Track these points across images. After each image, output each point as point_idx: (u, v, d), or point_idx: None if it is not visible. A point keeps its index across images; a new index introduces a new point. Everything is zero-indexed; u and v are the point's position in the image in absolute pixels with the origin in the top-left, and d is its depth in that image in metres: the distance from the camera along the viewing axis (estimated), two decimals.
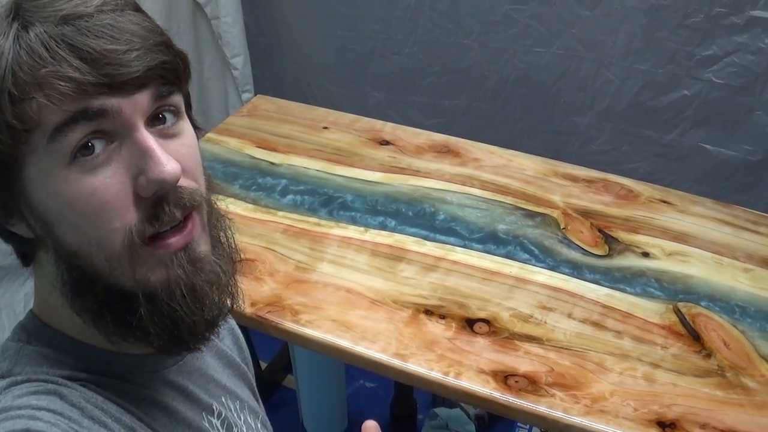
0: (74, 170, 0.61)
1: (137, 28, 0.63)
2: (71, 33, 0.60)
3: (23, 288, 1.88)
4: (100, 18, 0.61)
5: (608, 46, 2.05)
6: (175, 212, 0.64)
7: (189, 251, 0.65)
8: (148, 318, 0.64)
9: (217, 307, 0.69)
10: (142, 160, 0.62)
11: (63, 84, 0.59)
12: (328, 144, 1.74)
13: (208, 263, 0.67)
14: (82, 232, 0.63)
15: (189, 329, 0.66)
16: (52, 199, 0.63)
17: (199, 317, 0.66)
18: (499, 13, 2.14)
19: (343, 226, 1.49)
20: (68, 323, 0.68)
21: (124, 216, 0.62)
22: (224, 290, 0.69)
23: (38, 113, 0.59)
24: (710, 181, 2.08)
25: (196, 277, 0.65)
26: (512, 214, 1.52)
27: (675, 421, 1.10)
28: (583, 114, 2.19)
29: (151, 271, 0.64)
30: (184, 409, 0.76)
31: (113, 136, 0.62)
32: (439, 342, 1.23)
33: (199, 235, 0.67)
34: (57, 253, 0.65)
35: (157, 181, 0.61)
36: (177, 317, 0.65)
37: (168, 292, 0.64)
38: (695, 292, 1.34)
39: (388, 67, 2.38)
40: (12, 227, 0.67)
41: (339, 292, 1.33)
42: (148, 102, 0.63)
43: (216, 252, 0.70)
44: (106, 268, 0.64)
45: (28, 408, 0.61)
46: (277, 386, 2.30)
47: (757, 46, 1.86)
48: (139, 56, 0.62)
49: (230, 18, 2.39)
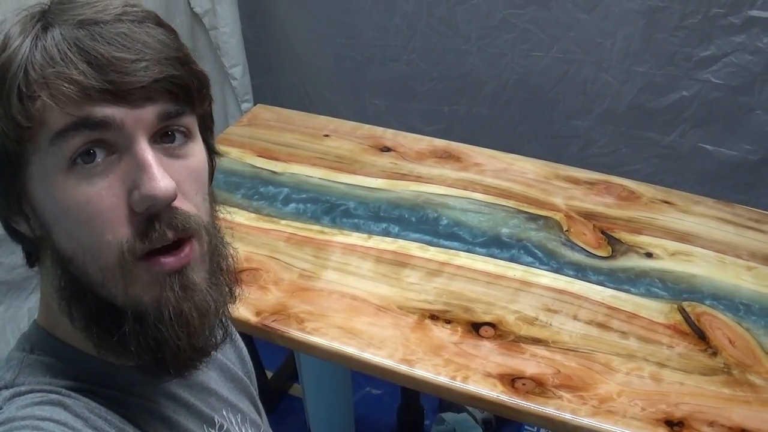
0: (73, 176, 0.61)
1: (152, 41, 0.64)
2: (84, 37, 0.61)
3: (26, 303, 1.88)
4: (116, 26, 0.62)
5: (606, 48, 2.06)
6: (166, 232, 0.63)
7: (183, 276, 0.65)
8: (132, 335, 0.64)
9: (205, 337, 0.68)
10: (138, 174, 0.62)
11: (67, 86, 0.60)
12: (329, 152, 1.75)
13: (200, 292, 0.66)
14: (76, 240, 0.63)
15: (173, 353, 0.65)
16: (49, 202, 0.63)
17: (184, 342, 0.65)
18: (497, 18, 2.14)
19: (346, 233, 1.49)
20: (70, 332, 0.68)
21: (116, 229, 0.62)
22: (213, 321, 0.68)
23: (42, 112, 0.60)
24: (711, 181, 2.08)
25: (185, 303, 0.65)
26: (515, 218, 1.52)
27: (683, 420, 1.10)
28: (582, 117, 2.19)
29: (145, 289, 0.64)
30: (185, 422, 0.76)
31: (114, 147, 0.62)
32: (445, 347, 1.23)
33: (195, 262, 0.66)
34: (54, 257, 0.65)
35: (149, 197, 0.61)
36: (162, 339, 0.64)
37: (157, 313, 0.64)
38: (699, 291, 1.34)
39: (386, 74, 2.39)
40: (16, 225, 0.68)
41: (344, 299, 1.33)
42: (153, 119, 0.63)
43: (212, 282, 0.69)
44: (99, 280, 0.63)
45: (32, 418, 0.61)
46: (283, 395, 2.30)
47: (756, 45, 1.87)
48: (148, 67, 0.62)
49: (228, 28, 2.39)
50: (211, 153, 0.76)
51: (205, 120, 0.73)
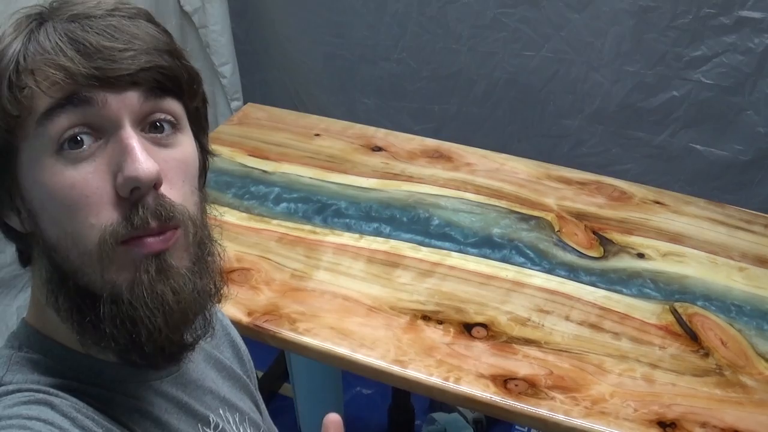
0: (60, 161, 0.62)
1: (142, 33, 0.65)
2: (75, 29, 0.63)
3: (15, 301, 1.86)
4: (107, 20, 0.64)
5: (597, 48, 2.06)
6: (149, 219, 0.63)
7: (160, 260, 0.64)
8: (108, 318, 0.63)
9: (181, 319, 0.66)
10: (122, 156, 0.62)
11: (54, 72, 0.61)
12: (320, 151, 1.74)
13: (177, 275, 0.65)
14: (60, 225, 0.63)
15: (148, 333, 0.64)
16: (36, 189, 0.63)
17: (159, 321, 0.63)
18: (488, 18, 2.14)
19: (338, 233, 1.48)
20: (59, 329, 0.68)
21: (100, 213, 0.62)
22: (190, 303, 0.66)
23: (30, 99, 0.61)
24: (701, 181, 2.09)
25: (158, 284, 0.63)
26: (506, 218, 1.52)
27: (675, 421, 1.11)
28: (573, 117, 2.19)
29: (119, 272, 0.63)
30: (177, 422, 0.75)
31: (101, 132, 0.63)
32: (437, 347, 1.23)
33: (176, 249, 0.65)
34: (42, 247, 0.65)
35: (131, 178, 0.61)
36: (137, 317, 0.63)
37: (131, 293, 0.63)
38: (691, 292, 1.35)
39: (377, 73, 2.38)
40: (8, 220, 0.68)
41: (336, 299, 1.32)
42: (138, 100, 0.64)
43: (193, 270, 0.67)
44: (78, 265, 0.63)
45: (18, 418, 0.61)
46: (273, 395, 2.29)
47: (746, 46, 1.87)
48: (135, 56, 0.63)
49: (218, 26, 2.38)
50: (205, 153, 0.76)
51: (199, 120, 0.73)
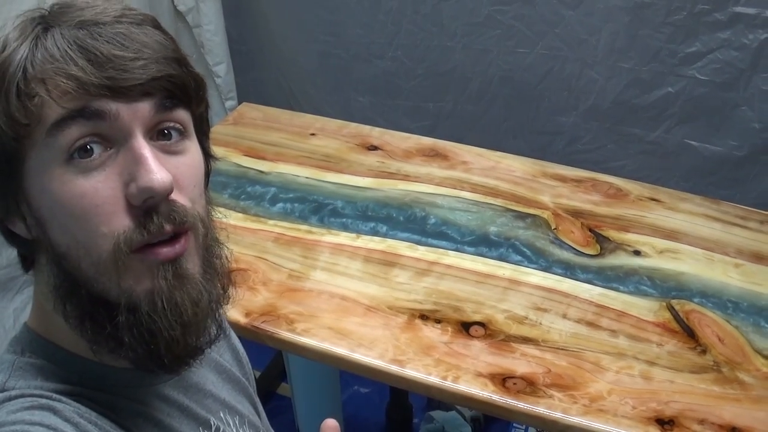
0: (70, 170, 0.62)
1: (150, 41, 0.65)
2: (84, 36, 0.62)
3: (12, 303, 1.86)
4: (116, 27, 0.64)
5: (592, 45, 2.06)
6: (165, 225, 0.63)
7: (176, 265, 0.65)
8: (125, 327, 0.63)
9: (199, 330, 0.67)
10: (135, 167, 0.62)
11: (65, 81, 0.61)
12: (316, 151, 1.74)
13: (193, 281, 0.66)
14: (70, 234, 0.63)
15: (167, 345, 0.64)
16: (45, 197, 0.63)
17: (177, 333, 0.64)
18: (482, 15, 2.14)
19: (334, 232, 1.48)
20: (63, 334, 0.68)
21: (112, 222, 0.62)
22: (207, 313, 0.68)
23: (40, 108, 0.61)
24: (696, 177, 2.09)
25: (177, 292, 0.64)
26: (503, 216, 1.52)
27: (673, 418, 1.11)
28: (568, 113, 2.20)
29: (137, 280, 0.63)
30: (179, 425, 0.75)
31: (112, 142, 0.63)
32: (435, 346, 1.23)
33: (189, 254, 0.66)
34: (49, 255, 0.65)
35: (146, 189, 0.61)
36: (156, 329, 0.64)
37: (151, 303, 0.63)
38: (688, 289, 1.35)
39: (371, 71, 2.38)
40: (13, 227, 0.68)
41: (333, 299, 1.32)
42: (150, 111, 0.64)
43: (205, 276, 0.68)
44: (92, 274, 0.63)
45: (21, 423, 0.61)
46: (271, 394, 2.29)
47: (741, 41, 1.87)
48: (146, 65, 0.63)
49: (212, 26, 2.38)
50: (208, 156, 0.77)
51: (201, 124, 0.73)
